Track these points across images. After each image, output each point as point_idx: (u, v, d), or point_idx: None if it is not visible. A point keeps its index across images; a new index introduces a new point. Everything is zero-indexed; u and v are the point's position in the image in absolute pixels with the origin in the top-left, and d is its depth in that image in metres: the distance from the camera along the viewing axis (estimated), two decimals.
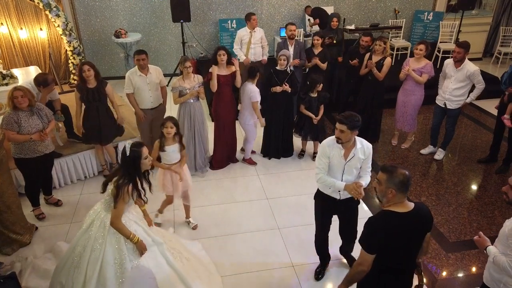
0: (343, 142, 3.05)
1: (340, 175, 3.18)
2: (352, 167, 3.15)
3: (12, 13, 7.21)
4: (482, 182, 5.22)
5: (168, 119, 3.89)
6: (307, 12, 8.46)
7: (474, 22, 9.14)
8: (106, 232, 2.97)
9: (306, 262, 3.90)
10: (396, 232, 2.32)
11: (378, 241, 2.33)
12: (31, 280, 3.56)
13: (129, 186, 2.88)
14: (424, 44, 5.34)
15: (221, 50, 4.93)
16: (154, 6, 8.35)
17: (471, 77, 5.02)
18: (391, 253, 2.36)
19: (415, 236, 2.40)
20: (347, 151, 3.11)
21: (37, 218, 4.51)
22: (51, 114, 4.32)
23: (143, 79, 4.90)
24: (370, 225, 2.38)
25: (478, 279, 3.06)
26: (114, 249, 2.96)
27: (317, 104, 5.29)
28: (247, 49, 6.48)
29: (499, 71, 8.52)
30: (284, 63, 5.20)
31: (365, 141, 3.18)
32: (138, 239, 2.97)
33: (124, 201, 2.87)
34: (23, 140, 4.01)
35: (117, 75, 8.61)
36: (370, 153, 3.16)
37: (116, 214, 2.90)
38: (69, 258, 3.10)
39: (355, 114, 3.03)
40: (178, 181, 4.00)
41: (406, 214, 2.33)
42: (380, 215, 2.41)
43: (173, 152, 3.92)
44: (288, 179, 5.28)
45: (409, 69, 5.32)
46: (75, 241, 3.10)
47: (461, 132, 6.52)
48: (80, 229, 3.13)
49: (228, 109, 5.24)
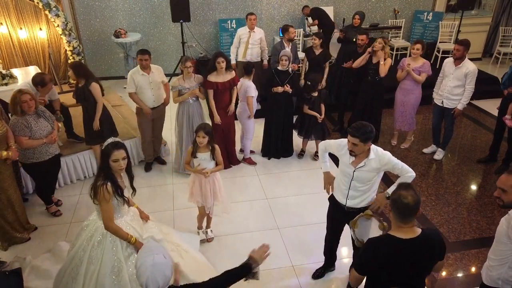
0: (357, 154, 2.91)
1: (348, 182, 3.06)
2: (363, 177, 2.99)
3: (12, 13, 7.21)
4: (482, 182, 5.22)
5: (200, 127, 3.67)
6: (304, 12, 8.46)
7: (473, 22, 9.14)
8: (105, 240, 2.92)
9: (305, 262, 3.90)
10: (392, 258, 2.22)
11: (371, 267, 2.26)
12: (30, 280, 3.55)
13: (107, 184, 2.78)
14: (420, 43, 5.36)
15: (219, 58, 4.85)
16: (153, 6, 8.34)
17: (468, 75, 4.99)
18: (386, 276, 2.27)
19: (418, 263, 2.25)
20: (358, 159, 2.95)
21: (54, 215, 4.54)
22: (52, 115, 4.32)
23: (145, 78, 4.91)
24: (367, 248, 2.29)
25: (478, 279, 3.06)
26: (111, 259, 2.90)
27: (319, 103, 5.30)
28: (244, 48, 6.49)
29: (499, 71, 8.53)
30: (286, 63, 5.20)
31: (381, 150, 2.98)
32: (135, 239, 2.92)
33: (106, 200, 2.77)
34: (37, 144, 4.00)
35: (116, 75, 8.61)
36: (389, 161, 2.93)
37: (106, 216, 2.82)
38: (67, 269, 3.07)
39: (366, 124, 2.84)
40: (208, 191, 3.82)
41: (407, 241, 2.19)
42: (379, 238, 2.33)
43: (204, 160, 3.74)
44: (288, 179, 5.28)
45: (409, 68, 5.33)
46: (73, 253, 3.05)
47: (461, 132, 6.53)
48: (78, 239, 3.08)
49: (226, 113, 5.17)
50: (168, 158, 5.73)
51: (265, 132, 5.65)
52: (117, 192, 2.85)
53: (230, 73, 5.01)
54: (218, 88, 4.96)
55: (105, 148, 2.84)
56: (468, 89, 5.06)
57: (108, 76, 8.59)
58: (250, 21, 6.35)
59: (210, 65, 4.97)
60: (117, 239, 2.92)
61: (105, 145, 2.85)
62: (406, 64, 5.39)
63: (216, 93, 5.01)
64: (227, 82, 4.99)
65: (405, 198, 2.15)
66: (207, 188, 3.82)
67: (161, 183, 5.18)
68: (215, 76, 4.93)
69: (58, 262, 3.72)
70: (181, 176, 5.27)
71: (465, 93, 5.08)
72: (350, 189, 3.08)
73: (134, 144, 5.50)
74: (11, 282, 2.91)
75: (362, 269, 2.32)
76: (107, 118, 4.97)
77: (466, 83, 5.03)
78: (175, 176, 5.33)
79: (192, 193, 3.89)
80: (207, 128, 3.68)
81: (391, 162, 2.94)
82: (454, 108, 5.22)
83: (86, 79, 4.68)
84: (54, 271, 3.53)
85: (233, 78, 5.03)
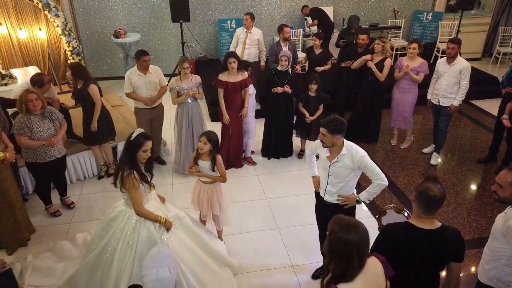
0: (327, 146, 3.04)
1: (326, 176, 3.18)
2: (339, 172, 3.08)
3: (11, 13, 7.20)
4: (482, 182, 5.23)
5: (204, 133, 3.57)
6: (304, 12, 8.46)
7: (473, 22, 9.14)
8: (138, 225, 3.08)
9: (305, 262, 3.90)
10: (406, 245, 2.24)
11: (386, 250, 2.25)
12: (34, 279, 3.57)
13: (134, 173, 2.95)
14: (416, 42, 5.38)
15: (231, 58, 4.84)
16: (153, 6, 8.34)
17: (462, 71, 5.01)
18: (399, 264, 2.27)
19: (432, 255, 2.28)
20: (332, 154, 3.08)
21: (53, 215, 4.53)
22: (63, 118, 4.28)
23: (142, 78, 4.91)
24: (385, 231, 2.32)
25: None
26: (147, 242, 3.05)
27: (315, 103, 5.30)
28: (242, 48, 6.50)
29: (498, 71, 8.54)
30: (285, 64, 5.18)
31: (356, 148, 3.02)
32: (164, 219, 3.13)
33: (135, 187, 2.95)
34: (35, 145, 3.99)
35: (116, 75, 8.60)
36: (361, 160, 2.97)
37: (136, 202, 3.00)
38: (97, 260, 3.14)
39: (338, 118, 2.95)
40: (204, 200, 3.74)
41: (425, 231, 2.24)
42: (397, 224, 2.36)
43: (204, 168, 3.63)
44: (287, 179, 5.28)
45: (407, 69, 5.33)
46: (103, 244, 3.13)
47: (461, 132, 6.53)
48: (107, 230, 3.18)
49: (237, 115, 5.15)
50: (168, 158, 5.73)
51: (265, 132, 5.65)
52: (143, 179, 3.04)
53: (242, 74, 4.99)
54: (229, 88, 4.94)
55: (135, 139, 2.98)
56: (463, 85, 5.09)
57: (107, 76, 8.59)
58: (244, 21, 6.42)
59: (222, 64, 5.01)
60: (149, 222, 3.09)
61: (135, 136, 2.98)
62: (404, 64, 5.39)
63: (227, 93, 5.00)
64: (238, 82, 4.96)
65: (432, 190, 2.19)
66: (204, 198, 3.75)
67: (161, 183, 5.17)
68: (227, 75, 4.93)
69: (60, 260, 3.75)
70: (181, 177, 5.27)
71: (460, 89, 5.12)
72: (328, 184, 3.20)
73: None
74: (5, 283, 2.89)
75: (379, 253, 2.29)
76: (106, 120, 4.98)
77: (461, 80, 5.07)
78: (175, 176, 5.32)
79: (193, 199, 3.89)
80: (211, 135, 3.54)
81: (363, 162, 2.99)
82: (450, 104, 5.23)
83: (84, 81, 4.68)
84: (58, 269, 3.59)
85: (244, 79, 4.99)
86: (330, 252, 1.92)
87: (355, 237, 1.86)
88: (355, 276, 1.87)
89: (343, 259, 1.86)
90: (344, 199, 3.20)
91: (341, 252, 1.87)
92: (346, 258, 1.86)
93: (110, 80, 8.48)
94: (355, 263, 1.86)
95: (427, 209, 2.23)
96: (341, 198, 3.20)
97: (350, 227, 1.88)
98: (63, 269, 3.60)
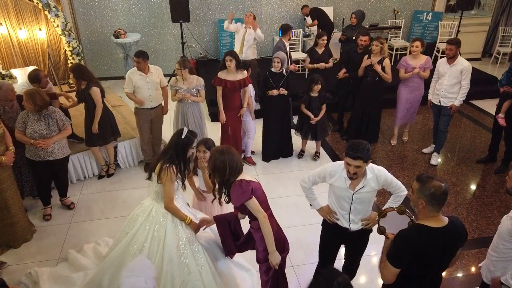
0: (359, 177, 2.73)
1: (348, 206, 2.90)
2: (364, 198, 2.84)
3: (11, 13, 7.20)
4: (481, 182, 5.23)
5: (202, 142, 3.42)
6: (303, 12, 8.46)
7: (473, 22, 9.15)
8: (165, 221, 3.06)
9: (305, 262, 3.90)
10: (427, 248, 2.21)
11: (408, 257, 2.22)
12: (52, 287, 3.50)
13: (172, 167, 2.97)
14: (419, 40, 5.42)
15: (227, 56, 4.84)
16: (153, 6, 8.34)
17: (463, 71, 5.03)
18: (418, 268, 2.27)
19: (447, 252, 2.28)
20: (355, 181, 2.78)
21: (43, 217, 4.52)
22: (68, 122, 4.23)
23: (143, 78, 4.91)
24: (401, 240, 2.26)
25: (478, 279, 3.07)
26: (175, 238, 3.04)
27: (318, 104, 5.29)
28: (241, 46, 6.51)
29: (498, 71, 8.54)
30: (278, 66, 5.11)
31: (376, 168, 2.82)
32: (190, 219, 3.09)
33: (171, 180, 2.96)
34: (26, 142, 4.02)
35: (116, 75, 8.61)
36: (386, 179, 2.80)
37: (168, 196, 3.00)
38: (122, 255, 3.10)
39: (361, 141, 2.67)
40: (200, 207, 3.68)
41: (439, 230, 2.22)
42: (411, 229, 2.30)
43: (201, 182, 3.61)
44: (287, 179, 5.28)
45: (418, 70, 5.40)
46: (129, 238, 3.10)
47: (460, 132, 6.53)
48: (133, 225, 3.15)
49: (235, 115, 5.14)
50: None
51: (264, 134, 5.61)
52: (182, 175, 3.08)
53: (242, 73, 4.97)
54: (227, 86, 4.93)
55: (186, 137, 3.05)
56: (464, 85, 5.10)
57: (107, 77, 8.60)
58: (247, 18, 6.48)
59: (221, 63, 5.02)
60: (177, 220, 3.08)
61: (186, 135, 3.05)
62: (409, 65, 5.43)
63: (225, 92, 4.99)
64: (237, 81, 4.94)
65: (440, 187, 2.20)
66: (200, 205, 3.72)
67: None
68: (225, 74, 4.93)
69: (76, 270, 3.67)
70: None
71: (461, 89, 5.13)
72: (351, 213, 2.94)
73: (134, 144, 5.50)
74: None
75: (397, 262, 2.26)
76: (108, 121, 4.98)
77: (462, 80, 5.08)
78: None
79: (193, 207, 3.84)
80: (209, 143, 3.42)
81: (387, 179, 2.81)
82: (451, 104, 5.23)
83: (87, 82, 4.71)
84: (76, 278, 3.50)
85: (244, 79, 4.96)
86: (213, 170, 2.72)
87: (227, 157, 2.67)
88: None
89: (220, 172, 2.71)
90: (367, 221, 2.99)
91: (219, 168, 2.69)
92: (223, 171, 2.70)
93: (110, 80, 8.48)
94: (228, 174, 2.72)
95: (440, 206, 2.23)
96: (364, 222, 2.98)
97: (224, 151, 2.70)
98: (83, 277, 3.50)
